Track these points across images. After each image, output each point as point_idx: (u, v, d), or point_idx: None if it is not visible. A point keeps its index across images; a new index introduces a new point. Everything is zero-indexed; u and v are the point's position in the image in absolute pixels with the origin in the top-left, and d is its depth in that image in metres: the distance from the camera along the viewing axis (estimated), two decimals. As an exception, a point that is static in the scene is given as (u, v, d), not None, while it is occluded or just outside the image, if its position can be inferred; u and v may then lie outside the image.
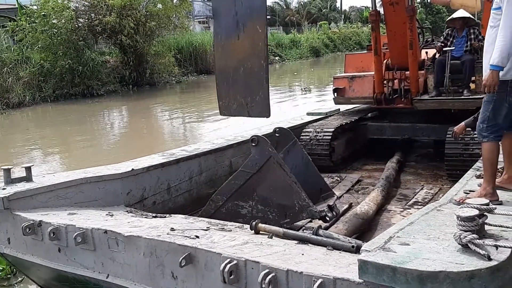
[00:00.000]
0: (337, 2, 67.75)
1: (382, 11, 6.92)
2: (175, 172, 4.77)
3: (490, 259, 1.94)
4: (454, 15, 6.80)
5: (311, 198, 3.92)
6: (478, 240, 2.01)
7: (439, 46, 6.59)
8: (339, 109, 7.93)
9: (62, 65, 20.77)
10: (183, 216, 3.56)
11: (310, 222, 4.09)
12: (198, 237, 2.74)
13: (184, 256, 2.53)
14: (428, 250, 2.09)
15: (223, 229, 3.06)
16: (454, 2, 9.33)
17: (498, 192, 3.17)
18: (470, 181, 3.54)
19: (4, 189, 3.54)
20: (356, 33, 51.68)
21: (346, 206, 4.90)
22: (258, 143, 3.90)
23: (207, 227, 3.03)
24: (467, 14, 6.78)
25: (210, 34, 31.51)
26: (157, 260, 2.73)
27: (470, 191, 3.23)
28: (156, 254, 2.73)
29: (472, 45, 6.44)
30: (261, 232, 2.94)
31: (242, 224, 3.25)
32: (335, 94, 7.39)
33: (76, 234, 3.00)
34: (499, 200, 3.09)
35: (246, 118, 3.86)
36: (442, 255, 2.02)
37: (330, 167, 6.37)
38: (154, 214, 3.64)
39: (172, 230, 2.89)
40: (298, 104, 16.82)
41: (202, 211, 4.16)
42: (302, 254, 2.43)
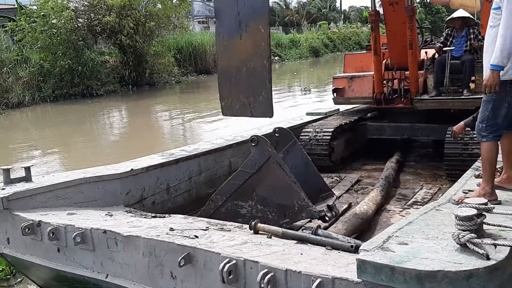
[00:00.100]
0: (336, 2, 67.90)
1: (381, 11, 6.92)
2: (175, 172, 4.77)
3: (488, 259, 1.94)
4: (454, 15, 6.79)
5: (311, 198, 3.91)
6: (476, 239, 2.01)
7: (438, 47, 6.59)
8: (339, 109, 7.94)
9: (61, 65, 20.78)
10: (183, 216, 3.56)
11: (310, 222, 4.08)
12: (197, 237, 2.73)
13: (183, 256, 2.53)
14: (426, 249, 2.09)
15: (222, 229, 3.06)
16: (453, 2, 9.36)
17: (497, 191, 3.17)
18: (469, 180, 3.54)
19: (3, 189, 3.53)
20: (355, 33, 51.72)
21: (345, 206, 4.91)
22: (257, 143, 3.90)
23: (206, 227, 3.03)
24: (467, 14, 6.78)
25: (210, 34, 31.60)
26: (156, 260, 2.73)
27: (469, 191, 3.22)
28: (155, 254, 2.73)
29: (471, 45, 6.44)
30: (260, 232, 2.93)
31: (241, 224, 3.25)
32: (335, 94, 7.39)
33: (75, 234, 2.99)
34: (498, 199, 3.09)
35: (246, 118, 3.85)
36: (441, 255, 2.02)
37: (329, 167, 6.37)
38: (154, 214, 3.64)
39: (171, 230, 2.89)
40: (298, 104, 16.81)
41: (201, 211, 4.16)
42: (301, 254, 2.43)
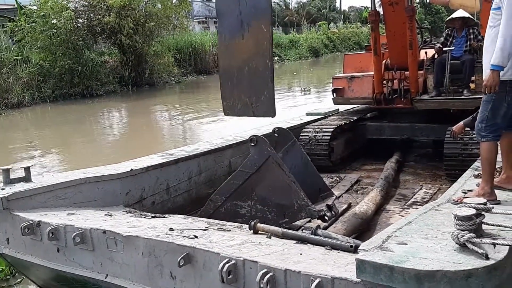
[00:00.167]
0: (336, 2, 67.94)
1: (381, 11, 6.92)
2: (174, 172, 4.77)
3: (487, 258, 1.94)
4: (454, 15, 6.79)
5: (310, 198, 3.91)
6: (475, 239, 2.01)
7: (438, 48, 6.59)
8: (338, 109, 7.94)
9: (61, 65, 20.78)
10: (182, 216, 3.56)
11: (309, 222, 4.09)
12: (196, 237, 2.73)
13: (182, 256, 2.53)
14: (425, 249, 2.09)
15: (222, 229, 3.06)
16: (453, 2, 9.35)
17: (496, 191, 3.17)
18: (469, 180, 3.54)
19: (3, 189, 3.53)
20: (355, 33, 51.73)
21: (345, 206, 4.91)
22: (257, 143, 3.90)
23: (206, 227, 3.03)
24: (467, 14, 6.78)
25: (209, 34, 31.60)
26: (155, 260, 2.73)
27: (468, 191, 3.22)
28: (154, 254, 2.73)
29: (471, 45, 6.44)
30: (259, 232, 2.93)
31: (241, 224, 3.25)
32: (334, 94, 7.39)
33: (75, 234, 2.99)
34: (497, 199, 3.09)
35: (246, 118, 3.85)
36: (440, 254, 2.02)
37: (329, 167, 6.37)
38: (153, 214, 3.63)
39: (171, 230, 2.89)
40: (297, 104, 16.81)
41: (201, 211, 4.16)
42: (301, 254, 2.43)
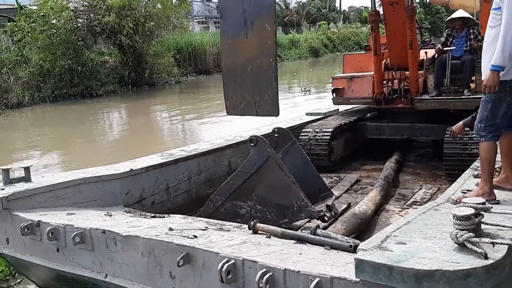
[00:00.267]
0: (336, 2, 67.90)
1: (381, 11, 6.92)
2: (174, 172, 4.77)
3: (486, 258, 1.94)
4: (454, 15, 6.79)
5: (310, 198, 3.92)
6: (474, 238, 2.01)
7: (438, 48, 6.59)
8: (338, 109, 7.94)
9: (61, 65, 20.79)
10: (182, 216, 3.56)
11: (309, 222, 4.09)
12: (196, 236, 2.73)
13: (182, 255, 2.53)
14: (424, 249, 2.09)
15: (222, 229, 3.06)
16: (453, 2, 9.34)
17: (496, 191, 3.17)
18: (468, 180, 3.54)
19: (3, 189, 3.54)
20: (355, 33, 51.75)
21: (344, 206, 4.92)
22: (256, 143, 3.90)
23: (206, 227, 3.03)
24: (467, 14, 6.77)
25: (209, 34, 31.59)
26: (155, 259, 2.73)
27: (467, 191, 3.23)
28: (154, 254, 2.73)
29: (471, 45, 6.45)
30: (259, 232, 2.93)
31: (240, 224, 3.25)
32: (334, 94, 7.38)
33: (74, 234, 2.99)
34: (497, 199, 3.09)
35: (246, 118, 3.84)
36: (439, 254, 2.02)
37: (329, 167, 6.37)
38: (153, 214, 3.64)
39: (170, 230, 2.89)
40: (297, 104, 16.81)
41: (200, 211, 4.16)
42: (300, 254, 2.43)
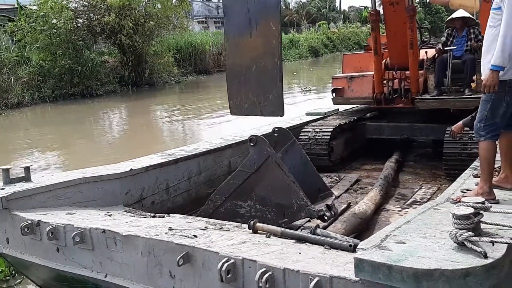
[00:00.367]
0: (336, 2, 67.87)
1: (382, 11, 6.91)
2: (174, 172, 4.77)
3: (486, 257, 1.94)
4: (454, 15, 6.79)
5: (310, 197, 3.91)
6: (474, 237, 2.02)
7: (439, 48, 6.59)
8: (338, 109, 7.95)
9: (61, 65, 20.80)
10: (182, 216, 3.56)
11: (309, 221, 4.09)
12: (196, 236, 2.73)
13: (181, 255, 2.53)
14: (424, 248, 2.09)
15: (221, 228, 3.06)
16: (452, 2, 9.35)
17: (495, 191, 3.18)
18: (468, 180, 3.54)
19: (3, 189, 3.54)
20: (355, 33, 51.73)
21: (344, 206, 4.92)
22: (256, 143, 3.90)
23: (205, 227, 3.03)
24: (467, 14, 6.77)
25: (209, 34, 31.57)
26: (155, 259, 2.73)
27: (467, 190, 3.23)
28: (154, 254, 2.73)
29: (471, 45, 6.45)
30: (259, 231, 2.93)
31: (240, 223, 3.26)
32: (334, 94, 7.38)
33: (74, 233, 2.99)
34: (496, 199, 3.10)
35: (245, 118, 3.83)
36: (438, 253, 2.02)
37: (329, 167, 6.37)
38: (153, 214, 3.64)
39: (170, 229, 2.89)
40: (297, 104, 16.80)
41: (200, 211, 4.16)
42: (299, 253, 2.43)
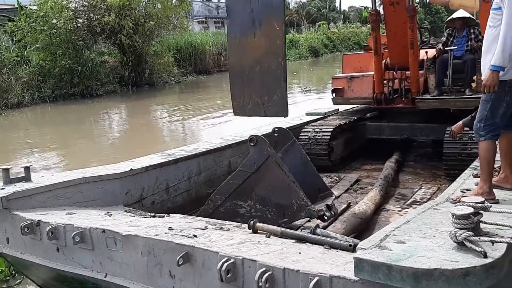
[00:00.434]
0: (336, 2, 67.86)
1: (382, 11, 6.91)
2: (174, 172, 4.77)
3: (485, 257, 1.94)
4: (454, 15, 6.79)
5: (310, 197, 3.91)
6: (473, 237, 2.02)
7: (439, 49, 6.59)
8: (338, 109, 7.95)
9: (61, 65, 20.79)
10: (182, 215, 3.56)
11: (309, 221, 4.09)
12: (196, 236, 2.74)
13: (181, 255, 2.53)
14: (423, 248, 2.09)
15: (221, 228, 3.06)
16: (452, 2, 9.33)
17: (495, 191, 3.18)
18: (467, 180, 3.54)
19: (3, 189, 3.54)
20: (355, 33, 51.69)
21: (344, 206, 4.92)
22: (256, 143, 3.90)
23: (205, 227, 3.03)
24: (467, 14, 6.77)
25: (209, 34, 31.56)
26: (155, 259, 2.74)
27: (467, 190, 3.23)
28: (154, 253, 2.73)
29: (471, 45, 6.45)
30: (259, 231, 2.94)
31: (240, 223, 3.26)
32: (334, 94, 7.38)
33: (74, 233, 3.00)
34: (496, 199, 3.10)
35: (245, 118, 3.83)
36: (438, 253, 2.02)
37: (329, 167, 6.38)
38: (153, 214, 3.64)
39: (170, 229, 2.89)
40: (297, 104, 16.80)
41: (200, 211, 4.16)
42: (299, 253, 2.43)
